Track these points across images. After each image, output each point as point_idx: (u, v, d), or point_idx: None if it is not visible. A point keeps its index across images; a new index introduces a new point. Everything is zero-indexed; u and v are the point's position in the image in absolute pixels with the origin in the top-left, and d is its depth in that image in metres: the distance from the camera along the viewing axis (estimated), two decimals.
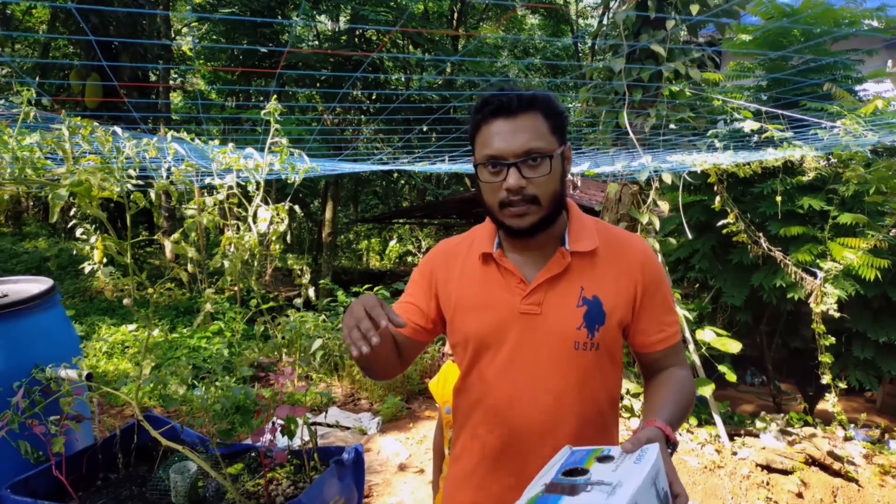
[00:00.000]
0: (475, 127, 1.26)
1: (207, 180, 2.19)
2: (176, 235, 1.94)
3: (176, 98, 16.34)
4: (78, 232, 2.12)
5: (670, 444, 1.09)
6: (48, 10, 13.36)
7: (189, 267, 1.97)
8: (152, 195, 1.78)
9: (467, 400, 1.37)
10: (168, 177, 1.95)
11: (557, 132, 1.24)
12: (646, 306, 1.30)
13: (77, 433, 2.11)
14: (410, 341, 1.40)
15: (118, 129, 1.92)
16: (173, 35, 13.29)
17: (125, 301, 1.98)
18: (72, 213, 1.97)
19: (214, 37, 13.18)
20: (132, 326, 6.71)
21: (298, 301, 4.60)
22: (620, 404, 4.48)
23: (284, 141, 2.20)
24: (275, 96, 2.10)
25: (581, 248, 1.27)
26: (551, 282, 1.27)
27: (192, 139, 2.07)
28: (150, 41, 9.26)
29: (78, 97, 9.21)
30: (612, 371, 1.32)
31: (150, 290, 1.93)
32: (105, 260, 2.12)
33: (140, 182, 1.91)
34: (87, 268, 2.17)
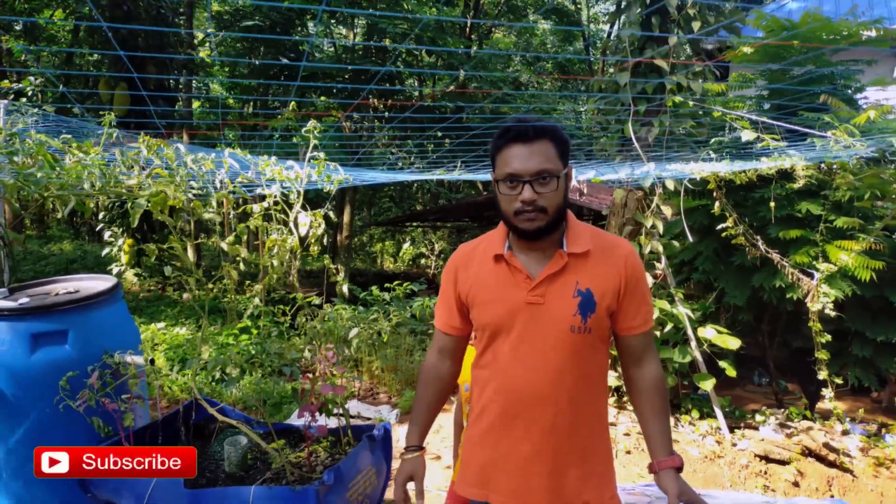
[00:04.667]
0: (496, 149, 1.56)
1: (258, 190, 2.49)
2: (231, 238, 2.23)
3: (195, 105, 16.75)
4: (106, 235, 2.39)
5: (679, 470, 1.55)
6: (72, 20, 13.77)
7: (241, 266, 2.26)
8: (214, 203, 2.09)
9: (485, 373, 1.68)
10: (222, 187, 2.24)
11: (563, 157, 1.55)
12: (628, 296, 1.61)
13: (141, 410, 2.41)
14: (459, 341, 1.77)
15: (181, 146, 2.22)
16: (196, 46, 13.69)
17: (185, 296, 2.27)
18: (99, 217, 2.24)
19: (237, 45, 13.55)
20: (161, 325, 7.04)
21: (325, 298, 4.97)
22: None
23: (322, 154, 2.50)
24: (315, 123, 2.35)
25: (576, 250, 1.59)
26: (552, 278, 1.58)
27: (246, 155, 2.37)
28: (176, 55, 9.63)
29: (105, 105, 9.58)
30: (602, 349, 1.64)
31: (210, 286, 2.22)
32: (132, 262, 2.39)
33: (200, 192, 2.21)
34: (114, 269, 2.44)
